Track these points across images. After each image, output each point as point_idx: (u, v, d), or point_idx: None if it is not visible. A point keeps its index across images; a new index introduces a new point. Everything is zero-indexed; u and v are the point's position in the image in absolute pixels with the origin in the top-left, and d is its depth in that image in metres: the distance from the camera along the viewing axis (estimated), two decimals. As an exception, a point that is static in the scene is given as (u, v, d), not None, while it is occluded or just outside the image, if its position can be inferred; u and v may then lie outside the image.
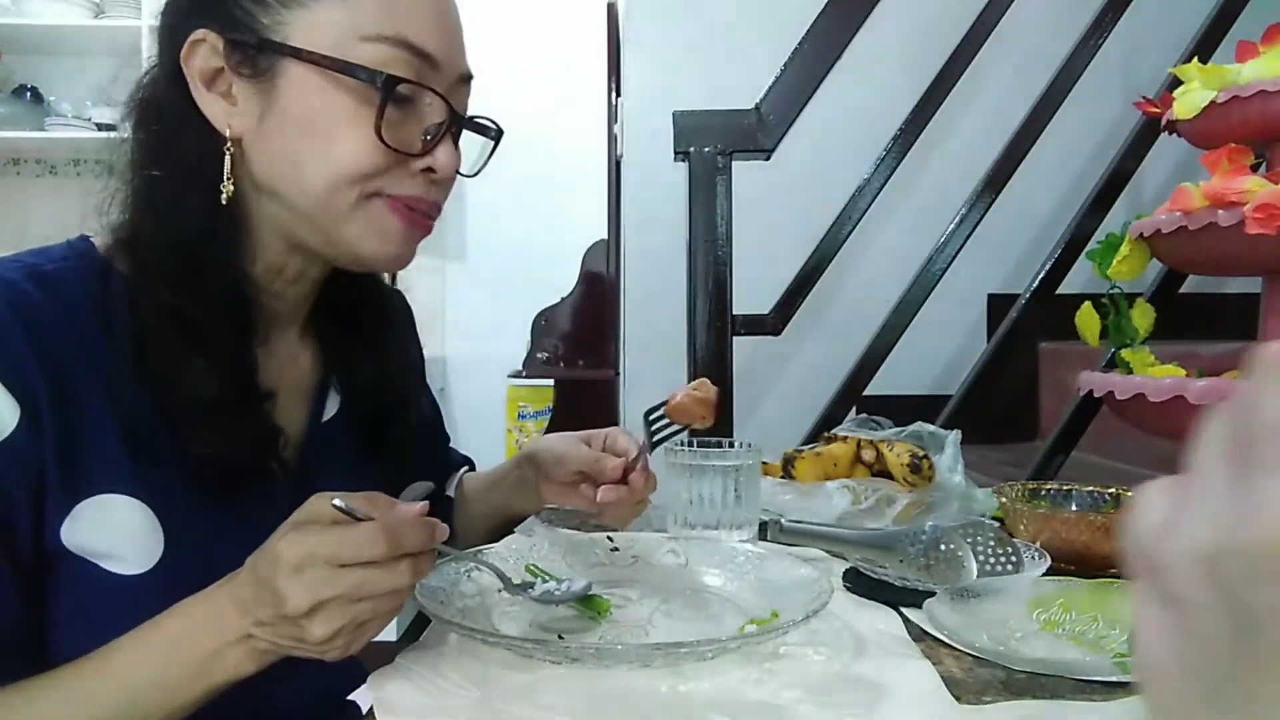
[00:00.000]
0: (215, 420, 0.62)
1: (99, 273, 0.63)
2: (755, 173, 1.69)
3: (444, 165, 0.67)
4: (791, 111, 1.60)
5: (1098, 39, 1.86)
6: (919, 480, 1.02)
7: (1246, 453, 0.24)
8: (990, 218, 1.85)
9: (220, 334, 0.63)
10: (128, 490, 0.60)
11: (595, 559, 0.82)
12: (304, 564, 0.53)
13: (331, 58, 0.61)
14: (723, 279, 1.56)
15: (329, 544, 0.53)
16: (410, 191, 0.66)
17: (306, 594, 0.52)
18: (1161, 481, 0.26)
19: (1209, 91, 1.08)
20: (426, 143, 0.66)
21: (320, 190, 0.63)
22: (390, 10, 0.63)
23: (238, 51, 0.62)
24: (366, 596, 0.54)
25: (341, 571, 0.53)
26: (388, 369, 0.80)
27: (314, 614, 0.53)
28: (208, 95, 0.63)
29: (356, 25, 0.62)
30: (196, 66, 0.63)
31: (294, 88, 0.62)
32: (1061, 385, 1.98)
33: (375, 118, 0.62)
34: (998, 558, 0.77)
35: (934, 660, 0.62)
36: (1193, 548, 0.24)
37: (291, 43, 0.62)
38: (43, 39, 2.94)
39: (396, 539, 0.54)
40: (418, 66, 0.64)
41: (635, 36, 2.31)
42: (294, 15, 0.62)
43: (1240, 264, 1.09)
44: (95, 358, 0.60)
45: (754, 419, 2.19)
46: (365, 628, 0.56)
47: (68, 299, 0.60)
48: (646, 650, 0.60)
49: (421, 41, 0.63)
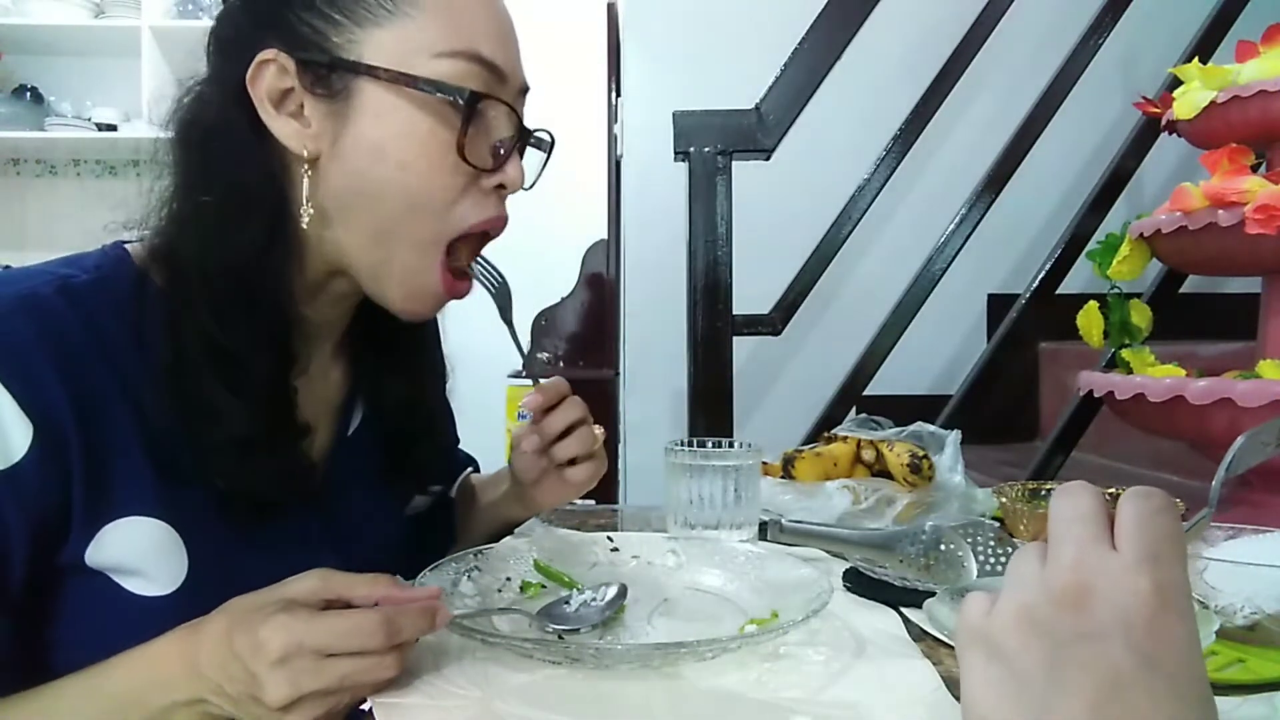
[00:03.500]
0: (249, 458, 0.60)
1: (134, 285, 0.61)
2: (755, 173, 1.69)
3: (514, 180, 0.66)
4: (791, 111, 1.60)
5: (1098, 39, 1.86)
6: (919, 480, 1.01)
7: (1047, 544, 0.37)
8: (990, 218, 1.85)
9: (262, 368, 0.61)
10: (154, 513, 0.59)
11: (595, 559, 0.81)
12: (290, 655, 0.49)
13: (411, 75, 0.60)
14: (723, 279, 1.56)
15: (320, 634, 0.50)
16: (486, 214, 0.65)
17: (289, 687, 0.49)
18: (978, 591, 0.39)
19: (1209, 91, 1.08)
20: (498, 158, 0.65)
21: (389, 225, 0.62)
22: (460, 25, 0.62)
23: (310, 71, 0.60)
24: (350, 688, 0.51)
25: (329, 662, 0.50)
26: (420, 388, 0.79)
27: (291, 707, 0.50)
28: (279, 117, 0.61)
29: (429, 41, 0.61)
30: (265, 87, 0.61)
31: (371, 108, 0.61)
32: (1061, 385, 1.98)
33: (459, 135, 0.61)
34: (998, 558, 0.77)
35: (934, 660, 0.62)
36: (1013, 608, 0.36)
37: (366, 61, 0.60)
38: (43, 39, 2.93)
39: (395, 630, 0.52)
40: (488, 80, 0.63)
41: (635, 36, 2.31)
42: (366, 33, 0.60)
43: (1240, 264, 1.09)
44: (126, 377, 0.58)
45: (754, 419, 2.19)
46: (339, 710, 0.53)
47: (99, 316, 0.58)
48: (646, 650, 0.60)
49: (491, 54, 0.62)
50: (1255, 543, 0.72)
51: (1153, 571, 0.34)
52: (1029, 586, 0.36)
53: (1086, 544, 0.36)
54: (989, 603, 0.37)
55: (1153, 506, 0.36)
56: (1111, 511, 0.37)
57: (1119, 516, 0.36)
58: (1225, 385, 0.98)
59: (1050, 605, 0.35)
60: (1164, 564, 0.34)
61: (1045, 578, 0.36)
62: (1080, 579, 0.35)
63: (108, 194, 3.35)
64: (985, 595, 0.38)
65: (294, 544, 0.54)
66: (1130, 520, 0.36)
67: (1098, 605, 0.34)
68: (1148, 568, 0.34)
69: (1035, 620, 0.35)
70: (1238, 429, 0.97)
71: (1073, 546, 0.36)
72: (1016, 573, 0.38)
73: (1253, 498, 1.01)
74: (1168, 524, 0.36)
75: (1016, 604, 0.36)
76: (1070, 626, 0.34)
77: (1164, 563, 0.34)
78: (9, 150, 3.04)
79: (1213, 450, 1.06)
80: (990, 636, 0.36)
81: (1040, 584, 0.36)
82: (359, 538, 0.73)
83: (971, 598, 0.39)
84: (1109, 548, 0.36)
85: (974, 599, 0.38)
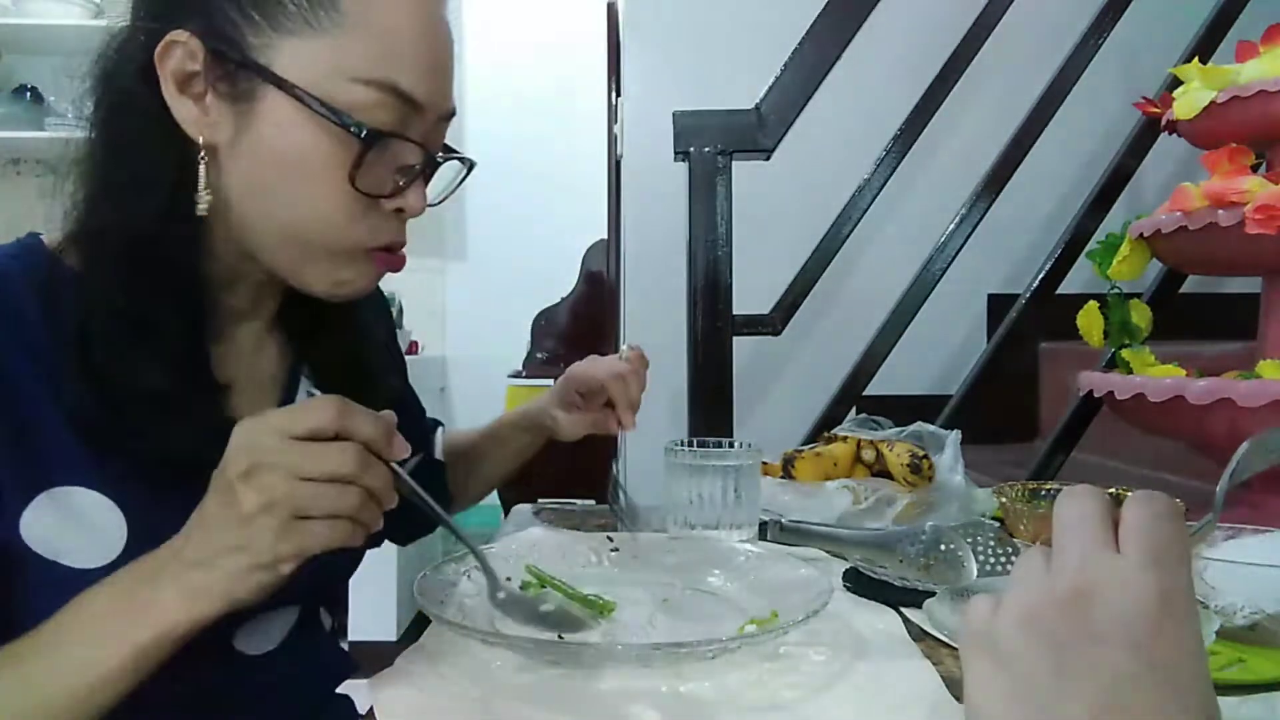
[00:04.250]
0: (164, 414, 0.60)
1: (46, 267, 0.62)
2: (755, 173, 1.69)
3: (414, 207, 0.65)
4: (791, 111, 1.60)
5: (1098, 39, 1.86)
6: (919, 480, 1.01)
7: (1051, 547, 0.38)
8: (990, 218, 1.85)
9: (169, 328, 0.61)
10: (88, 483, 0.60)
11: (595, 559, 0.82)
12: (252, 434, 0.53)
13: (315, 97, 0.59)
14: (723, 279, 1.56)
15: (281, 415, 0.53)
16: (386, 239, 0.65)
17: (245, 453, 0.52)
18: (982, 593, 0.40)
19: (1209, 91, 1.08)
20: (398, 184, 0.64)
21: (290, 232, 0.62)
22: (382, 53, 0.60)
23: (218, 65, 0.60)
24: (310, 475, 0.52)
25: (286, 442, 0.52)
26: (355, 351, 0.78)
27: (249, 477, 0.51)
28: (179, 97, 0.60)
29: (345, 64, 0.59)
30: (170, 67, 0.60)
31: (272, 117, 0.59)
32: (1061, 385, 1.98)
33: (351, 166, 0.60)
34: (998, 558, 0.77)
35: (934, 660, 0.62)
36: (1017, 610, 0.36)
37: (275, 69, 0.59)
38: (43, 39, 2.93)
39: (347, 419, 0.53)
40: (401, 112, 0.61)
41: (635, 36, 2.31)
42: (283, 41, 0.59)
43: (1240, 264, 1.09)
44: (39, 353, 0.59)
45: (754, 419, 2.19)
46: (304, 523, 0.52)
47: (10, 294, 0.59)
48: (646, 650, 0.60)
49: (410, 87, 0.61)
50: (1255, 543, 0.72)
51: (1157, 575, 0.34)
52: (1033, 589, 0.36)
53: (1091, 547, 0.36)
54: (993, 605, 0.38)
55: (1158, 510, 0.36)
56: (1116, 514, 0.37)
57: (1124, 520, 0.37)
58: (1225, 385, 0.98)
59: (1054, 608, 0.35)
60: (1168, 568, 0.35)
61: (1050, 580, 0.36)
62: (1084, 582, 0.35)
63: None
64: (990, 598, 0.38)
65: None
66: (1135, 524, 0.36)
67: (1102, 608, 0.34)
68: (1152, 571, 0.34)
69: (1039, 623, 0.35)
70: (1238, 429, 0.97)
71: (1077, 550, 0.36)
72: (1021, 575, 0.38)
73: (1253, 498, 1.01)
74: (1172, 528, 0.36)
75: (1021, 606, 0.36)
76: (1074, 629, 0.34)
77: (1168, 567, 0.35)
78: (9, 150, 3.04)
79: (1213, 451, 1.06)
80: (994, 639, 0.36)
81: (1045, 587, 0.36)
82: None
83: (976, 600, 0.39)
84: (1113, 551, 0.36)
85: (978, 601, 0.39)
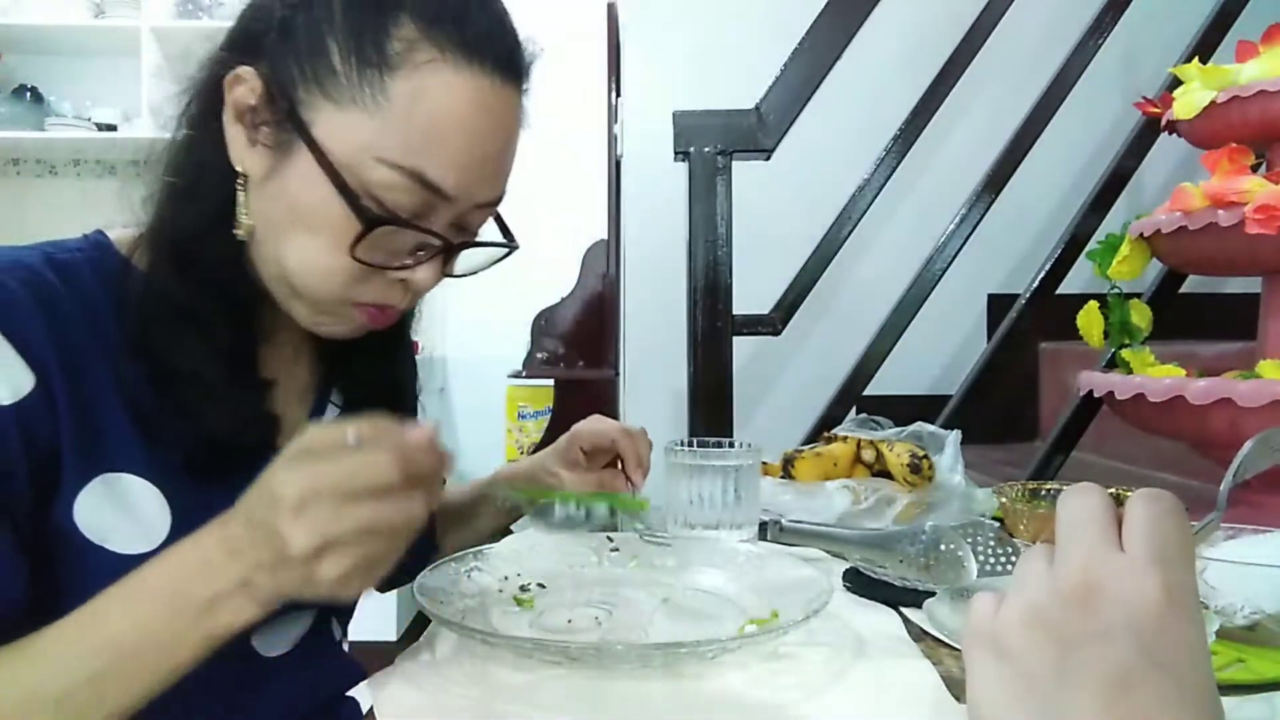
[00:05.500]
0: (211, 398, 0.63)
1: (117, 266, 0.64)
2: (755, 173, 1.69)
3: (421, 283, 0.65)
4: (791, 111, 1.60)
5: (1098, 39, 1.86)
6: (919, 480, 1.01)
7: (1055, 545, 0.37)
8: (990, 218, 1.85)
9: (219, 323, 0.64)
10: (138, 470, 0.62)
11: (595, 559, 0.82)
12: (307, 501, 0.48)
13: (336, 170, 0.59)
14: (723, 279, 1.56)
15: (333, 475, 0.49)
16: (379, 299, 0.65)
17: (312, 535, 0.48)
18: (985, 591, 0.39)
19: (1209, 91, 1.08)
20: (413, 259, 0.64)
21: (286, 274, 0.64)
22: (419, 143, 0.60)
23: (270, 108, 0.61)
24: (379, 531, 0.49)
25: (349, 506, 0.48)
26: (385, 379, 0.80)
27: (322, 555, 0.48)
28: (234, 125, 0.62)
29: (379, 146, 0.59)
30: (234, 96, 0.62)
31: (300, 171, 0.61)
32: (1061, 385, 1.98)
33: (354, 239, 0.60)
34: (998, 558, 0.77)
35: (934, 660, 0.62)
36: (1020, 608, 0.36)
37: (313, 130, 0.60)
38: (43, 39, 2.93)
39: (409, 464, 0.50)
40: (427, 197, 0.61)
41: (635, 36, 2.31)
42: (327, 106, 0.60)
43: (1240, 264, 1.09)
44: (106, 342, 0.61)
45: (754, 419, 2.19)
46: (378, 564, 0.51)
47: (82, 285, 0.62)
48: (646, 650, 0.60)
49: (439, 178, 0.61)
50: (1255, 543, 0.72)
51: (1161, 573, 0.34)
52: (1037, 587, 0.36)
53: (1095, 545, 0.36)
54: (996, 603, 0.37)
55: (1162, 508, 0.36)
56: (1119, 512, 0.37)
57: (1128, 517, 0.36)
58: (1225, 385, 0.98)
59: (1058, 605, 0.35)
60: (1172, 565, 0.34)
61: (1053, 578, 0.36)
62: (1088, 579, 0.35)
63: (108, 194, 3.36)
64: (992, 595, 0.38)
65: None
66: (1139, 521, 0.36)
67: (1106, 606, 0.34)
68: (1156, 569, 0.34)
69: (1043, 620, 0.35)
70: (1238, 429, 0.97)
71: (1081, 547, 0.36)
72: (1024, 573, 0.38)
73: (1253, 498, 1.01)
74: (1177, 526, 0.36)
75: (1024, 604, 0.36)
76: (1078, 627, 0.34)
77: (1172, 564, 0.34)
78: (9, 150, 3.04)
79: (1213, 450, 1.06)
80: (997, 637, 0.36)
81: (1048, 584, 0.36)
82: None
83: (979, 598, 0.38)
84: (1117, 549, 0.36)
85: (981, 599, 0.38)
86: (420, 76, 0.59)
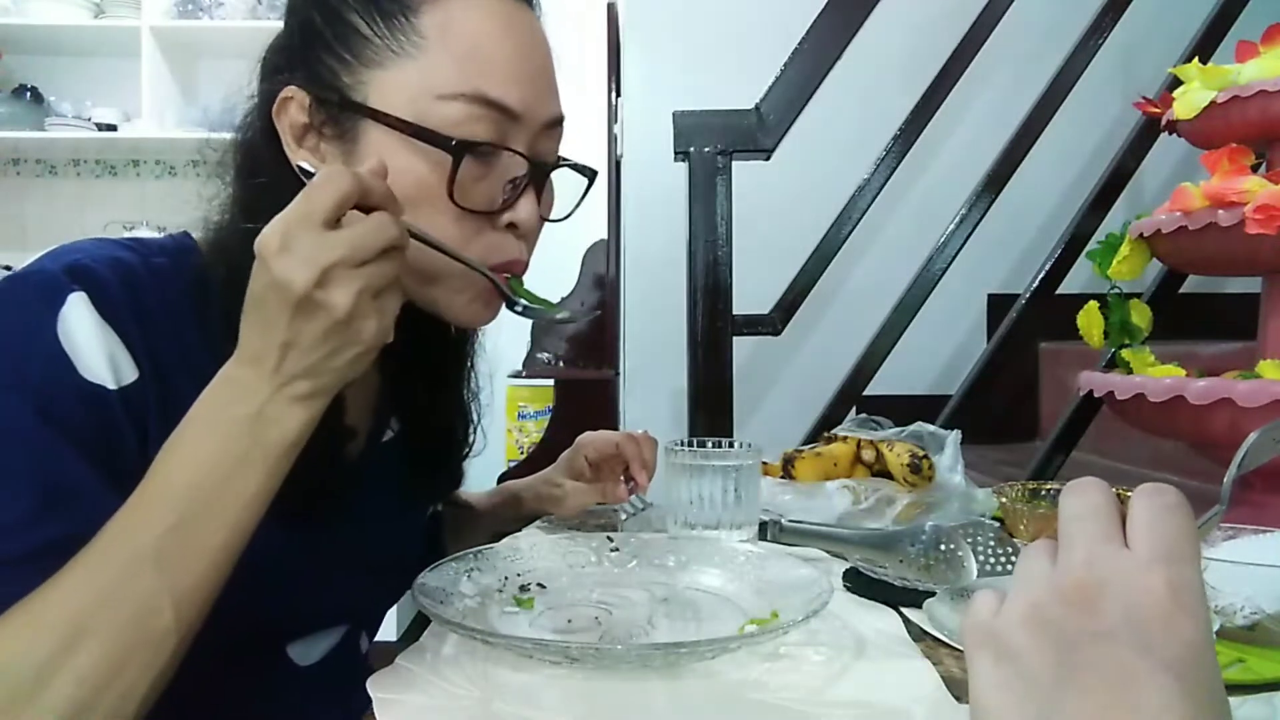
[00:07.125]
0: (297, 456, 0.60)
1: (200, 274, 0.64)
2: (755, 173, 1.69)
3: (525, 220, 0.65)
4: (791, 111, 1.60)
5: (1098, 39, 1.86)
6: (919, 480, 1.01)
7: (1057, 542, 0.37)
8: (990, 218, 1.85)
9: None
10: None
11: (594, 559, 0.82)
12: (287, 240, 0.50)
13: (405, 121, 0.60)
14: (723, 279, 1.56)
15: (297, 207, 0.51)
16: (505, 256, 0.65)
17: (306, 264, 0.49)
18: (986, 589, 0.38)
19: (1209, 91, 1.08)
20: (508, 197, 0.64)
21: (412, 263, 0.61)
22: (466, 65, 0.61)
23: (322, 110, 0.62)
24: (367, 256, 0.51)
25: (328, 234, 0.50)
26: (447, 407, 0.81)
27: (326, 284, 0.50)
28: (299, 151, 0.62)
29: (432, 84, 0.60)
30: (287, 122, 0.62)
31: (373, 151, 0.60)
32: (1061, 385, 1.98)
33: (447, 183, 0.60)
34: (998, 558, 0.77)
35: (934, 660, 0.62)
36: (1022, 607, 0.35)
37: (370, 103, 0.60)
38: (43, 39, 2.93)
39: (361, 178, 0.52)
40: (498, 121, 0.62)
41: (635, 36, 2.31)
42: (372, 74, 0.61)
43: (1240, 264, 1.09)
44: (188, 354, 0.60)
45: (754, 419, 2.19)
46: (384, 295, 0.52)
47: (170, 293, 0.62)
48: (646, 650, 0.60)
49: (501, 95, 0.61)
50: (1255, 543, 0.72)
51: (1165, 570, 0.33)
52: (1038, 585, 0.36)
53: (1097, 542, 0.35)
54: (997, 601, 0.37)
55: (1165, 504, 0.35)
56: (1122, 509, 0.36)
57: (1131, 514, 0.36)
58: (1225, 385, 0.98)
59: (1060, 604, 0.34)
60: (1177, 562, 0.34)
61: (1055, 576, 0.35)
62: (1091, 577, 0.34)
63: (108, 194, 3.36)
64: (993, 594, 0.38)
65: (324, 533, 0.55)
66: (1143, 518, 0.35)
67: (1109, 604, 0.33)
68: (1160, 566, 0.33)
69: (1045, 619, 0.34)
70: (1238, 429, 0.97)
71: (1083, 544, 0.35)
72: (1026, 571, 0.37)
73: (1253, 498, 1.01)
74: (1180, 522, 0.35)
75: (1026, 602, 0.35)
76: (1081, 625, 0.33)
77: (1177, 561, 0.34)
78: (9, 150, 3.04)
79: (1213, 450, 1.06)
80: (999, 635, 0.35)
81: (1050, 582, 0.35)
82: (379, 544, 0.76)
83: (979, 596, 0.38)
84: (1120, 545, 0.35)
85: (982, 598, 0.38)
86: (443, 7, 0.61)
